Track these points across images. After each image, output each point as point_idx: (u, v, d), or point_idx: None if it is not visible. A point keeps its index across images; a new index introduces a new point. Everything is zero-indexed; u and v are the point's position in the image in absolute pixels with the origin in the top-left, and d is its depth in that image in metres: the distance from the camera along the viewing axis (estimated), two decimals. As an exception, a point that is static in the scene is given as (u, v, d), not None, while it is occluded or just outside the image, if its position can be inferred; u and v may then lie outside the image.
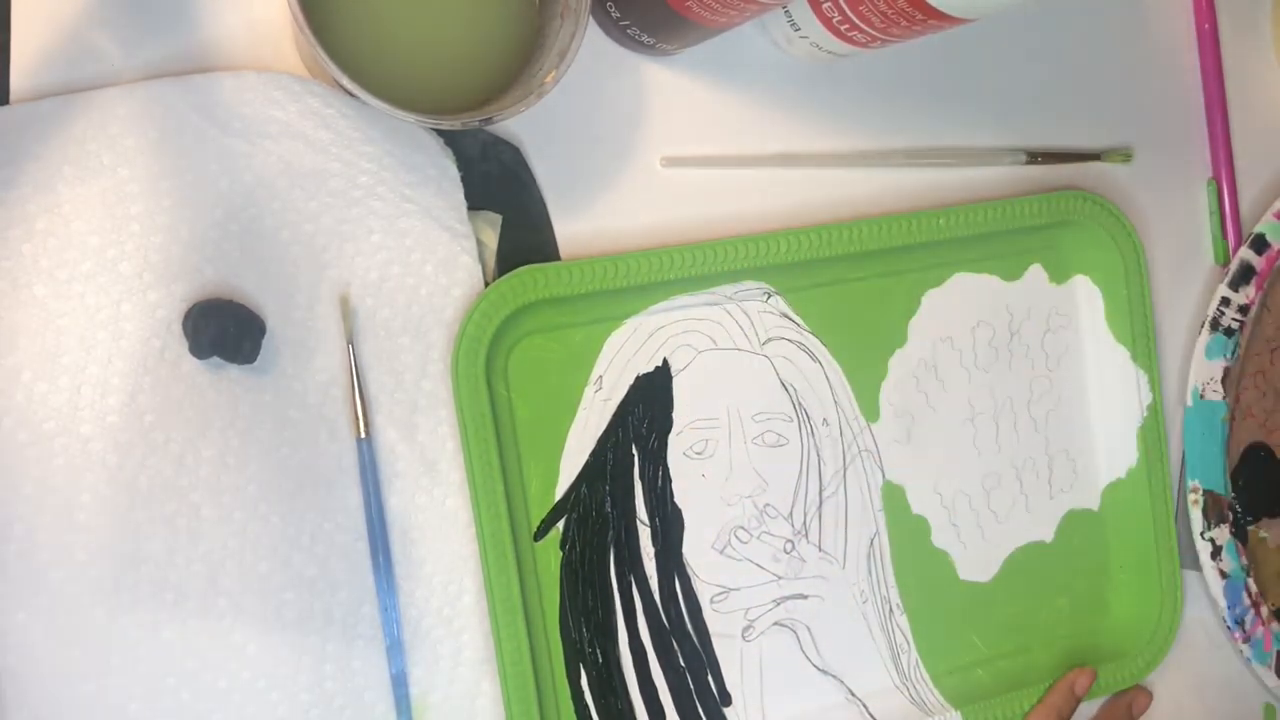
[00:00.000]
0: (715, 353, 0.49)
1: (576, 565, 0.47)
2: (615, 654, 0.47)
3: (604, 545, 0.47)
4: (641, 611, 0.47)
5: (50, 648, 0.40)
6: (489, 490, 0.44)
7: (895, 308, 0.51)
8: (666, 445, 0.48)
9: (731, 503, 0.49)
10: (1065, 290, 0.55)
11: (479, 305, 0.44)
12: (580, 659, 0.46)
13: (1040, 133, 0.55)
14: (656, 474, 0.48)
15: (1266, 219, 0.56)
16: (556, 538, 0.46)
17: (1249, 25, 0.58)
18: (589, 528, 0.47)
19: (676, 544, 0.48)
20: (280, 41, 0.44)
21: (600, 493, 0.47)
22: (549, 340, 0.46)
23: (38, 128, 0.40)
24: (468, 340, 0.44)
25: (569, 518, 0.47)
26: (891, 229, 0.50)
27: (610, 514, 0.47)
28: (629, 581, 0.47)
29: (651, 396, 0.48)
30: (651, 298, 0.47)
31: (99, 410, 0.41)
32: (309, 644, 0.43)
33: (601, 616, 0.47)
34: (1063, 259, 0.54)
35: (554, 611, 0.46)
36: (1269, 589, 0.56)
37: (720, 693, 0.48)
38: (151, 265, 0.42)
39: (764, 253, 0.48)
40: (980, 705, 0.51)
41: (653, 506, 0.48)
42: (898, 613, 0.51)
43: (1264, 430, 0.57)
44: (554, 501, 0.46)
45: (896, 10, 0.42)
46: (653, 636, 0.47)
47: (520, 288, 0.44)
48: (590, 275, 0.45)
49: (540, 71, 0.40)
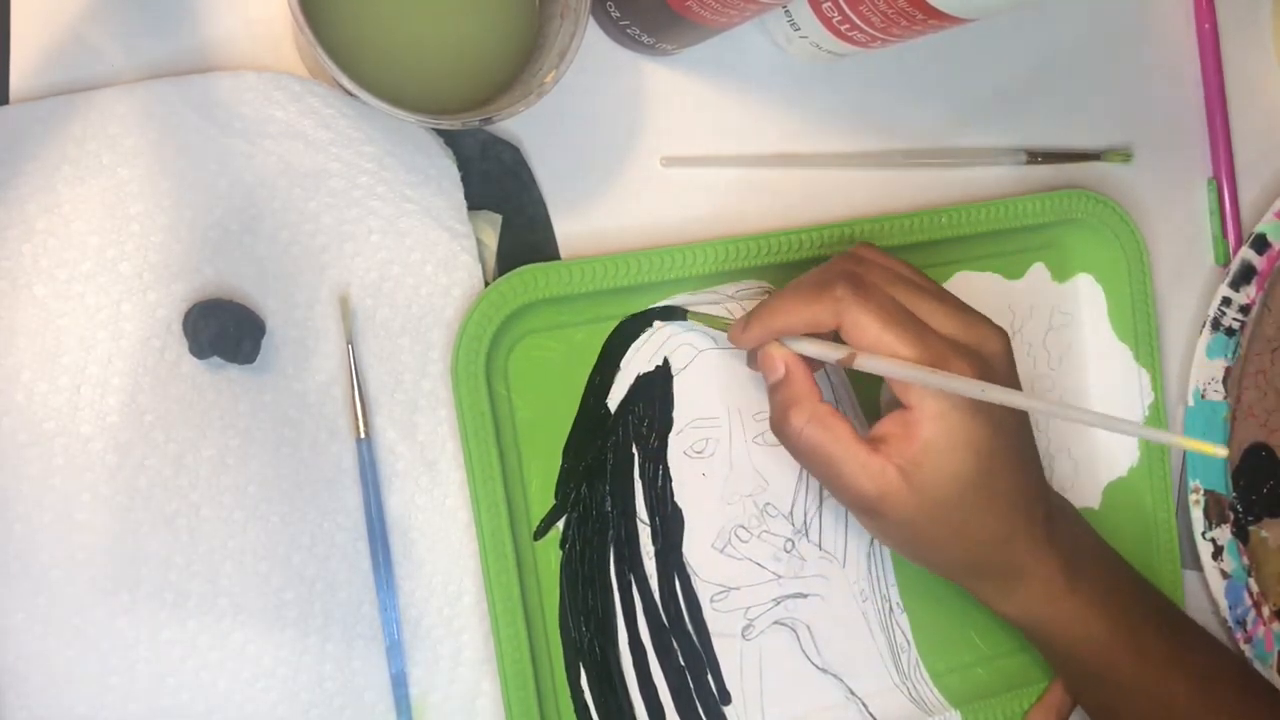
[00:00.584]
0: (716, 352, 0.49)
1: (576, 564, 0.46)
2: (615, 653, 0.47)
3: (604, 544, 0.47)
4: (641, 610, 0.47)
5: (50, 648, 0.40)
6: (489, 489, 0.44)
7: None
8: (667, 444, 0.48)
9: (732, 502, 0.49)
10: (1068, 288, 0.55)
11: (479, 304, 0.44)
12: (580, 658, 0.46)
13: (1040, 133, 0.55)
14: (657, 473, 0.48)
15: (1267, 219, 0.56)
16: (556, 537, 0.46)
17: (1249, 25, 0.58)
18: (589, 527, 0.47)
19: (676, 543, 0.48)
20: (280, 41, 0.44)
21: (600, 492, 0.47)
22: (549, 339, 0.46)
23: (37, 128, 0.40)
24: (468, 339, 0.44)
25: (569, 517, 0.47)
26: (893, 227, 0.50)
27: (610, 513, 0.47)
28: (629, 580, 0.47)
29: (652, 395, 0.48)
30: (652, 296, 0.48)
31: (99, 410, 0.41)
32: (309, 644, 0.43)
33: (601, 615, 0.47)
34: (1065, 257, 0.54)
35: (554, 610, 0.46)
36: (1270, 589, 0.56)
37: (720, 691, 0.48)
38: (151, 265, 0.42)
39: (765, 252, 0.48)
40: (980, 704, 0.51)
41: (653, 505, 0.48)
42: (897, 612, 0.51)
43: (1265, 430, 0.57)
44: (554, 500, 0.46)
45: (896, 10, 0.42)
46: (652, 635, 0.47)
47: (521, 287, 0.44)
48: (591, 275, 0.45)
49: (540, 71, 0.40)
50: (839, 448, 0.42)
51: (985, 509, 0.43)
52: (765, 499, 0.49)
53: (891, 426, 0.42)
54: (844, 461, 0.42)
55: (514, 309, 0.44)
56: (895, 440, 0.42)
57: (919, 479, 0.41)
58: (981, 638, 0.53)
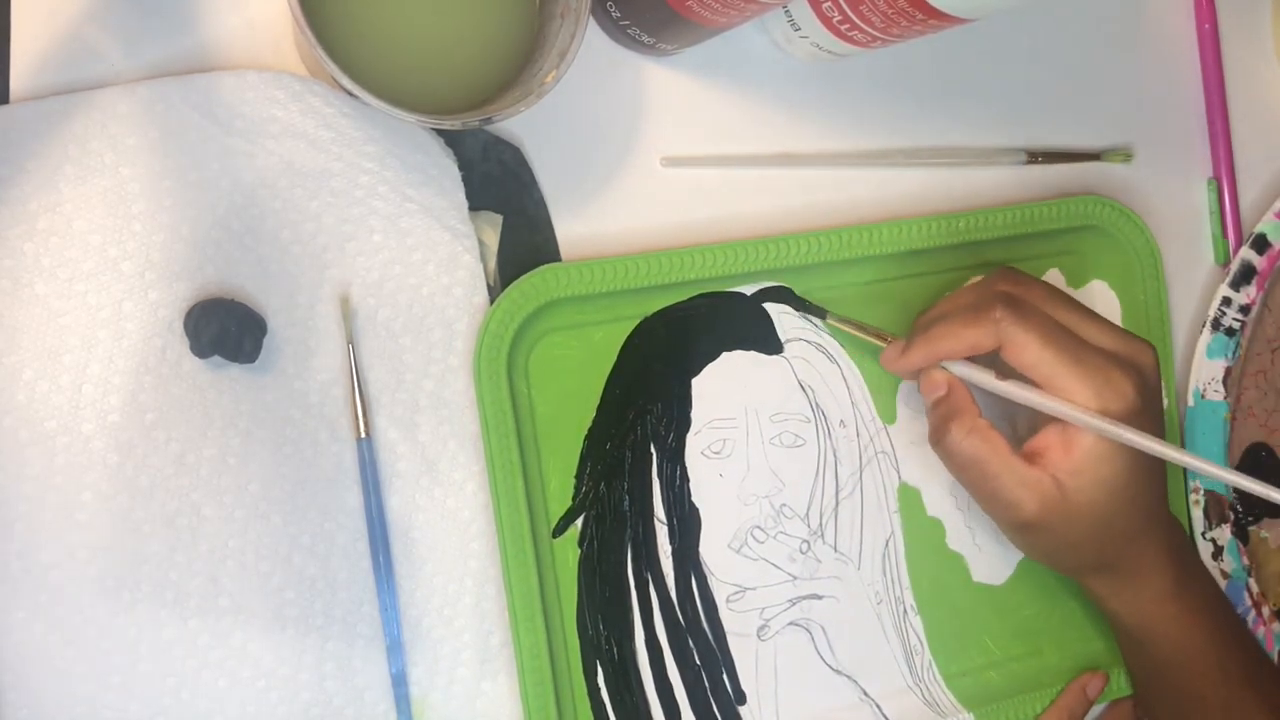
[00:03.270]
0: (734, 352, 0.49)
1: (594, 562, 0.47)
2: (631, 651, 0.47)
3: (621, 543, 0.47)
4: (658, 609, 0.47)
5: (50, 647, 0.40)
6: (509, 486, 0.44)
7: (913, 310, 0.51)
8: (684, 444, 0.48)
9: (748, 502, 0.49)
10: (1083, 294, 0.55)
11: (503, 301, 0.44)
12: (597, 656, 0.46)
13: (1040, 133, 0.55)
14: (674, 473, 0.48)
15: (1267, 218, 0.56)
16: (574, 535, 0.46)
17: (1249, 25, 0.58)
18: (607, 525, 0.47)
19: (693, 543, 0.48)
20: (281, 41, 0.44)
21: (618, 491, 0.47)
22: (569, 338, 0.46)
23: (39, 126, 0.40)
24: (490, 337, 0.44)
25: (587, 515, 0.47)
26: (912, 231, 0.50)
27: (628, 512, 0.47)
28: (646, 579, 0.47)
29: (670, 395, 0.48)
30: (671, 296, 0.48)
31: (100, 409, 0.41)
32: (309, 643, 0.43)
33: (618, 614, 0.47)
34: (1081, 263, 0.54)
35: (571, 608, 0.46)
36: (1270, 589, 0.56)
37: (735, 691, 0.48)
38: (153, 264, 0.42)
39: (783, 254, 0.48)
40: (993, 707, 0.51)
41: (670, 505, 0.48)
42: (912, 614, 0.51)
43: (1265, 430, 0.57)
44: (572, 499, 0.46)
45: (896, 10, 0.42)
46: (669, 634, 0.47)
47: (543, 285, 0.45)
48: (612, 274, 0.46)
49: (540, 71, 0.40)
50: (998, 460, 0.44)
51: (1126, 511, 0.45)
52: (782, 500, 0.49)
53: (1049, 439, 0.44)
54: (1002, 474, 0.44)
55: (536, 307, 0.45)
56: (1053, 451, 0.44)
57: (1075, 486, 0.43)
58: (994, 641, 0.53)
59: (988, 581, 0.53)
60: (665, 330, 0.48)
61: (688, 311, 0.48)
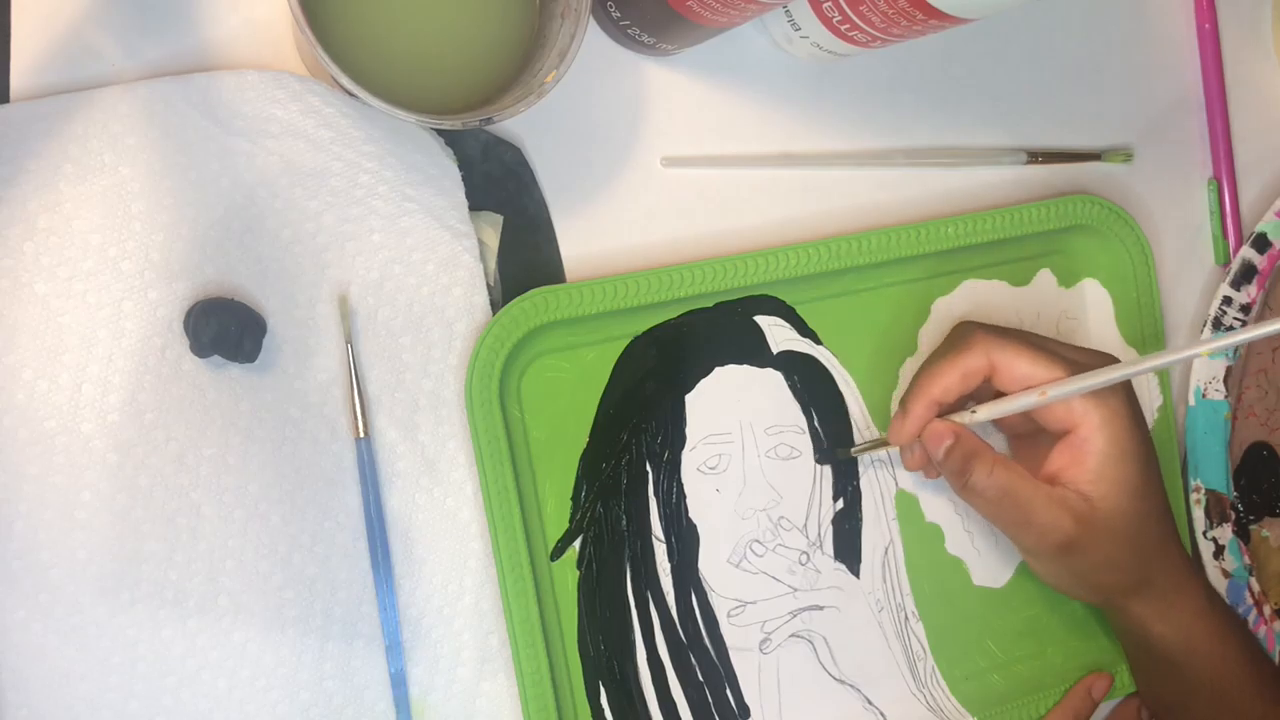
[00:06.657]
0: (726, 367, 0.49)
1: (594, 584, 0.46)
2: (634, 670, 0.47)
3: (620, 563, 0.47)
4: (659, 627, 0.47)
5: (50, 646, 0.40)
6: (505, 512, 0.44)
7: (905, 316, 0.51)
8: (680, 461, 0.48)
9: (746, 516, 0.49)
10: (1074, 293, 0.55)
11: (491, 329, 0.44)
12: (600, 677, 0.46)
13: (1040, 133, 0.55)
14: (671, 490, 0.48)
15: (1267, 218, 0.56)
16: (573, 557, 0.46)
17: (1249, 25, 0.58)
18: (605, 546, 0.47)
19: (692, 559, 0.48)
20: (281, 41, 0.44)
21: (615, 511, 0.47)
22: (561, 360, 0.46)
23: (39, 126, 0.40)
24: (481, 365, 0.44)
25: (585, 536, 0.47)
26: (900, 239, 0.49)
27: (625, 532, 0.47)
28: (646, 598, 0.47)
29: (664, 413, 0.48)
30: (662, 315, 0.48)
31: (100, 409, 0.41)
32: (309, 643, 0.43)
33: (619, 634, 0.47)
34: (1071, 263, 0.54)
35: (572, 629, 0.46)
36: (1271, 588, 0.56)
37: (739, 706, 0.48)
38: (153, 264, 0.42)
39: (774, 267, 0.48)
40: (997, 710, 0.51)
41: (668, 523, 0.48)
42: (913, 620, 0.51)
43: (1266, 429, 0.57)
44: (570, 521, 0.46)
45: (896, 10, 0.42)
46: (671, 652, 0.47)
47: (532, 311, 0.44)
48: (601, 295, 0.45)
49: (540, 71, 0.40)
50: (1027, 486, 0.45)
51: (1150, 515, 0.45)
52: (779, 513, 0.49)
53: (1060, 459, 0.45)
54: (1034, 499, 0.44)
55: (525, 332, 0.44)
56: (1069, 468, 0.45)
57: (1099, 494, 0.44)
58: (997, 644, 0.53)
59: (988, 584, 0.53)
60: (657, 348, 0.48)
61: (679, 328, 0.48)
